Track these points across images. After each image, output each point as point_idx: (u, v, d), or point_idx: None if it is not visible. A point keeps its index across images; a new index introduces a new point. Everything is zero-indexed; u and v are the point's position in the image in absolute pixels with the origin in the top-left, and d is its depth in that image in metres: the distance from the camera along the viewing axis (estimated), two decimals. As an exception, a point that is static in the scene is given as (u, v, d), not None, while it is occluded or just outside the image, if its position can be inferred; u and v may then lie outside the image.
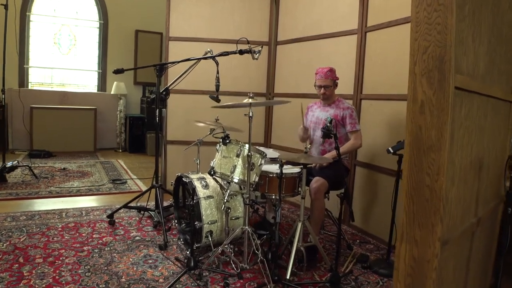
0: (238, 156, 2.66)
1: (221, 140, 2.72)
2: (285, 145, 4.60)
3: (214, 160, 2.79)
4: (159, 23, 7.23)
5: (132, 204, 3.84)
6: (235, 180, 2.67)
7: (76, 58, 7.92)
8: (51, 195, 4.58)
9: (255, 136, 4.86)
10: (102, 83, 7.99)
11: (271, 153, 3.62)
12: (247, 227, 2.63)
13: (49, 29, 7.67)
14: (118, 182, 5.28)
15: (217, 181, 2.81)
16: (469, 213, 1.95)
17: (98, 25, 7.96)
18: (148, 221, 3.83)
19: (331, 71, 3.24)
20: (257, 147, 3.73)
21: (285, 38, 4.65)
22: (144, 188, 5.02)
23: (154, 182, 3.59)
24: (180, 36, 4.66)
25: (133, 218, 3.90)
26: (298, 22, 4.48)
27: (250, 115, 2.51)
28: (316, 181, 2.97)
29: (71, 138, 7.25)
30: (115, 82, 7.69)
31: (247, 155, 2.53)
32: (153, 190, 3.72)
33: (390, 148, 2.72)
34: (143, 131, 7.70)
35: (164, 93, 3.65)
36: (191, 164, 3.81)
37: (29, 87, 7.52)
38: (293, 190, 2.94)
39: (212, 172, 2.71)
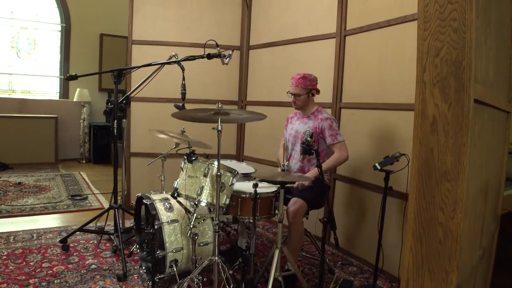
0: (205, 175, 2.29)
1: (185, 157, 2.34)
2: (259, 157, 4.25)
3: (178, 180, 2.40)
4: (126, 27, 6.75)
5: (91, 225, 3.39)
6: (203, 204, 2.30)
7: (36, 63, 7.35)
8: (0, 215, 4.07)
9: (226, 147, 4.50)
10: (64, 89, 7.44)
11: (244, 167, 3.27)
12: (216, 258, 2.26)
13: (6, 32, 7.08)
14: (77, 198, 4.80)
15: (181, 204, 2.42)
16: (476, 245, 1.65)
17: (60, 29, 7.42)
18: (108, 244, 3.40)
19: (305, 78, 2.90)
20: (228, 161, 3.39)
21: (258, 42, 4.31)
22: (106, 205, 4.57)
23: (113, 202, 3.16)
24: (144, 39, 4.26)
25: (91, 242, 3.45)
26: (272, 25, 4.15)
27: (219, 129, 2.15)
28: (294, 203, 2.61)
29: (30, 149, 6.67)
30: (78, 89, 7.16)
31: (216, 175, 2.16)
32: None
33: (377, 165, 2.41)
34: (108, 141, 7.21)
35: (124, 102, 3.24)
36: (157, 179, 3.39)
37: (-16, 95, 6.92)
38: (269, 211, 2.59)
39: (175, 194, 2.33)
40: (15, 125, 6.58)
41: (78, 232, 3.42)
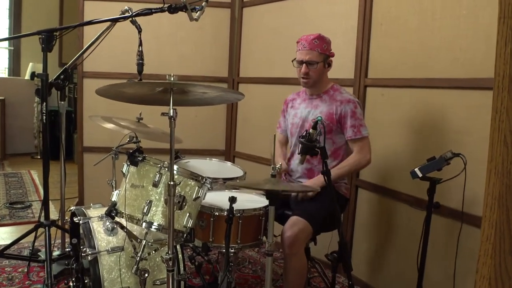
0: (156, 185, 1.84)
1: (127, 158, 1.89)
2: (253, 154, 3.83)
3: (118, 190, 1.97)
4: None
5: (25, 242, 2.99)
6: (153, 227, 1.86)
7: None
8: None
9: (213, 141, 4.10)
10: (15, 64, 7.12)
11: (228, 169, 2.83)
12: (170, 309, 1.82)
13: None
14: (18, 206, 4.42)
15: (122, 227, 1.98)
16: None
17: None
18: (42, 273, 2.99)
19: (321, 39, 2.44)
20: (208, 159, 2.95)
21: (254, -4, 3.89)
22: (55, 215, 4.18)
23: (43, 218, 2.73)
24: (100, -8, 3.86)
25: (20, 270, 3.05)
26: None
27: (172, 115, 1.70)
28: (292, 226, 2.13)
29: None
30: (30, 64, 6.77)
31: (169, 184, 1.71)
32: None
33: (417, 170, 1.97)
34: (69, 130, 6.78)
35: (61, 77, 2.84)
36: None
37: None
38: (257, 236, 2.15)
39: (113, 212, 1.89)
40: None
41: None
